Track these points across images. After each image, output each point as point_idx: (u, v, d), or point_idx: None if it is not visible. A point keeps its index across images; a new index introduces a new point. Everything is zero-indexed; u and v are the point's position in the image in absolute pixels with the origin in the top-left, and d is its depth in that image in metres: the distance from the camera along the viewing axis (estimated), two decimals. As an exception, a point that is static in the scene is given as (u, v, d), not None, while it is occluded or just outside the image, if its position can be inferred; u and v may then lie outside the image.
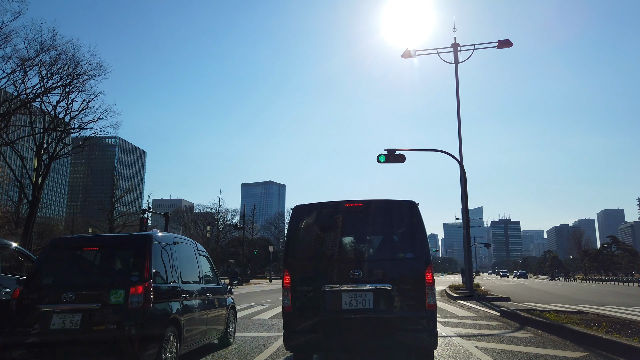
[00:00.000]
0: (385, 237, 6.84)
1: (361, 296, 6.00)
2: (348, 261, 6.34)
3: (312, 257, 6.47)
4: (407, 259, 6.30)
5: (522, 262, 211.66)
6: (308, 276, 6.27)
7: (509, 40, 22.78)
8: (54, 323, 5.70)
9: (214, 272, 8.79)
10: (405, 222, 6.52)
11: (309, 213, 6.74)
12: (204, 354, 7.71)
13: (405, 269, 6.22)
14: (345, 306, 5.98)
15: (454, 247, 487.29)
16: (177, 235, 7.98)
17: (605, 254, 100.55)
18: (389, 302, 5.95)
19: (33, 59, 27.78)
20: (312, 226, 6.70)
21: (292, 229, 6.65)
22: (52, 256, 6.57)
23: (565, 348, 7.71)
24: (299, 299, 6.17)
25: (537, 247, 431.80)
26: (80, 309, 5.73)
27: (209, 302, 7.84)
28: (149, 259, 6.16)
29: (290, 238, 6.63)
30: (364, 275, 6.06)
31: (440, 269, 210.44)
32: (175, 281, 6.76)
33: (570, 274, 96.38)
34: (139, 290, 5.81)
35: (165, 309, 6.17)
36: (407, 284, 6.06)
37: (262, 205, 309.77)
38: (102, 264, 6.61)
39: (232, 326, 8.99)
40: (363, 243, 6.75)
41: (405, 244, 6.50)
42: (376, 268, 6.20)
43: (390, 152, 19.99)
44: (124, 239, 6.98)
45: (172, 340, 6.21)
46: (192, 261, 7.75)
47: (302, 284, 6.20)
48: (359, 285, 6.01)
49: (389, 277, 6.10)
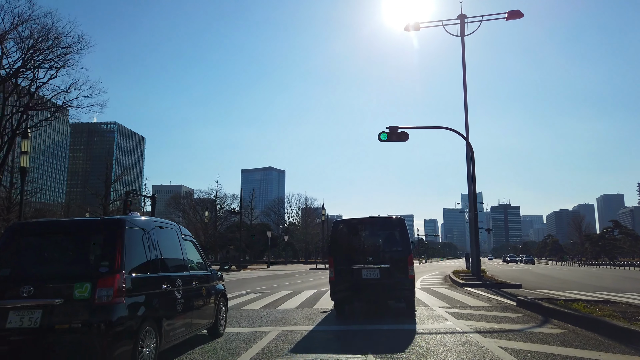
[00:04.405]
0: (385, 238, 11.13)
1: (373, 271, 10.28)
2: (365, 252, 10.68)
3: (345, 249, 10.85)
4: (398, 250, 10.62)
5: (523, 246, 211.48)
6: (343, 260, 10.54)
7: (519, 11, 21.48)
8: (10, 321, 4.94)
9: (201, 258, 8.05)
10: (397, 230, 10.91)
11: (342, 224, 11.38)
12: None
13: (397, 256, 10.49)
14: (364, 277, 10.26)
15: (454, 232, 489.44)
16: (158, 218, 7.18)
17: (608, 239, 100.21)
18: (388, 275, 10.26)
19: (8, 31, 25.84)
20: (344, 231, 11.27)
21: (333, 233, 11.34)
22: (11, 244, 5.67)
23: (612, 350, 6.46)
24: (338, 273, 10.47)
25: (537, 232, 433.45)
26: (40, 305, 4.93)
27: (195, 290, 7.11)
28: (120, 247, 5.36)
29: (332, 238, 11.34)
30: (375, 260, 10.41)
31: (439, 254, 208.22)
32: (154, 270, 5.98)
33: (575, 258, 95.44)
34: (108, 283, 5.07)
35: (140, 302, 5.42)
36: (398, 264, 10.34)
37: (262, 191, 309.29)
38: (68, 252, 5.75)
39: (223, 316, 8.41)
40: (373, 241, 11.05)
41: (397, 242, 10.81)
42: (381, 255, 10.54)
43: (393, 130, 19.10)
44: (93, 224, 6.09)
45: (150, 336, 5.58)
46: (175, 247, 6.96)
47: (340, 265, 10.51)
48: (372, 265, 10.31)
49: (388, 260, 10.41)
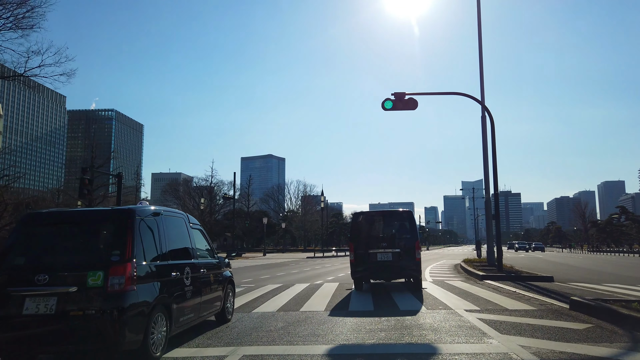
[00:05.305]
0: (397, 227, 13.13)
1: (386, 255, 12.37)
2: (380, 239, 12.76)
3: (363, 236, 12.88)
4: (407, 238, 12.65)
5: (524, 233, 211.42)
6: (361, 245, 12.62)
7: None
8: (27, 308, 5.14)
9: (209, 246, 8.27)
10: (406, 221, 13.04)
11: (361, 216, 13.53)
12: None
13: (406, 242, 12.55)
14: (379, 259, 12.35)
15: (454, 219, 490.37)
16: (167, 208, 7.34)
17: (616, 225, 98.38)
18: (399, 257, 12.34)
19: None
20: (362, 222, 13.34)
21: (353, 223, 13.51)
22: (25, 234, 5.84)
23: None
24: (358, 256, 12.56)
25: (537, 219, 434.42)
26: (55, 293, 5.15)
27: (203, 278, 7.32)
28: (131, 236, 5.56)
29: (352, 228, 13.41)
30: (388, 245, 12.52)
31: (440, 241, 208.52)
32: (164, 258, 6.19)
33: (584, 245, 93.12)
34: (119, 271, 5.27)
35: (151, 289, 5.64)
36: (407, 249, 12.41)
37: (262, 179, 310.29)
38: (80, 242, 5.86)
39: (231, 302, 8.70)
40: (386, 230, 13.13)
41: (406, 231, 12.82)
42: (393, 242, 12.68)
43: (399, 97, 16.24)
44: (104, 214, 6.26)
45: (161, 322, 5.81)
46: (183, 235, 7.16)
47: (358, 249, 12.58)
48: (385, 250, 12.41)
49: (398, 246, 12.55)
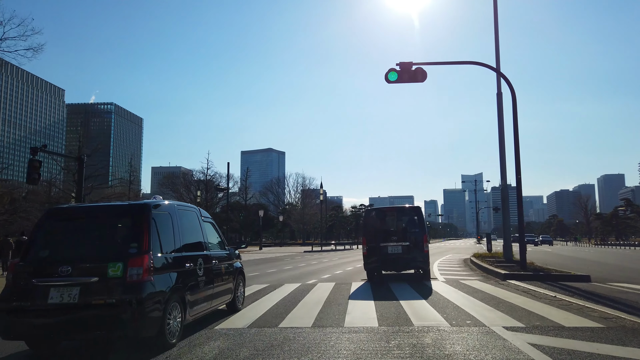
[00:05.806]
0: (406, 222, 14.28)
1: (396, 248, 13.53)
2: (390, 232, 13.98)
3: (375, 231, 14.08)
4: (416, 232, 13.85)
5: (525, 227, 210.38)
6: (373, 239, 13.84)
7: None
8: (52, 297, 5.54)
9: (220, 238, 8.69)
10: (415, 216, 14.29)
11: (373, 212, 15.58)
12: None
13: (415, 236, 13.75)
14: (390, 252, 13.52)
15: (454, 213, 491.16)
16: (180, 202, 7.71)
17: (622, 217, 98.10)
18: (408, 250, 13.51)
19: None
20: (374, 217, 14.97)
21: (366, 218, 15.97)
22: (47, 227, 6.29)
23: None
24: (370, 249, 13.71)
25: (537, 212, 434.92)
26: (78, 283, 5.53)
27: (215, 269, 7.71)
28: (147, 229, 5.94)
29: (365, 223, 15.64)
30: (397, 239, 13.71)
31: (440, 234, 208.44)
32: (178, 250, 6.58)
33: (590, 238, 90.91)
34: (137, 262, 5.65)
35: (167, 280, 6.02)
36: (415, 242, 13.60)
37: (262, 173, 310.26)
38: (99, 235, 6.26)
39: (241, 292, 9.08)
40: (396, 225, 14.26)
41: (415, 225, 14.02)
42: (402, 236, 13.80)
43: (405, 67, 14.26)
44: (121, 208, 6.69)
45: (176, 310, 6.15)
46: (195, 228, 7.54)
47: (370, 243, 13.82)
48: (395, 243, 13.58)
49: (408, 239, 13.68)
